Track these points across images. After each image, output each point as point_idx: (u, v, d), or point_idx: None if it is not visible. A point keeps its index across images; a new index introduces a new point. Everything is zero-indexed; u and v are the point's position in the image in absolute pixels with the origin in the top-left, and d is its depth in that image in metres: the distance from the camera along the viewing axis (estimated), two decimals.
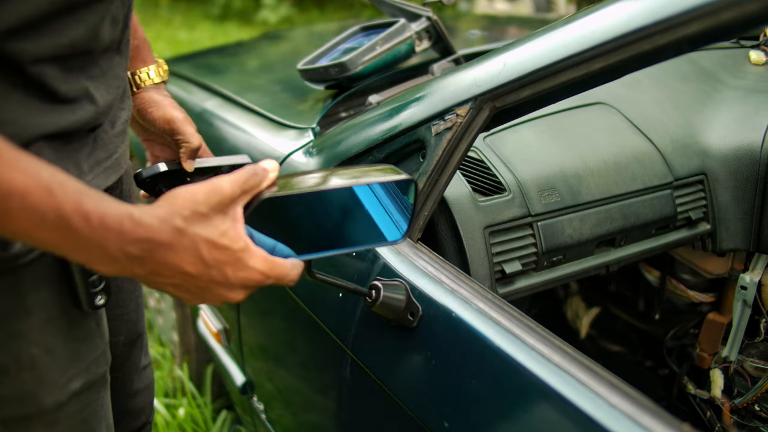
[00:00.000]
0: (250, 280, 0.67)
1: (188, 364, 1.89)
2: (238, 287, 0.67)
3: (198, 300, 0.69)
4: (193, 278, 0.65)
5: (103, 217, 0.58)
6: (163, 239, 0.61)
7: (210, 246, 0.64)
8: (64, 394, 0.78)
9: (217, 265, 0.64)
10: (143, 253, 0.61)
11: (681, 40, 0.67)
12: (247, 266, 0.66)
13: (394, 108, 1.02)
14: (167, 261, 0.62)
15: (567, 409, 0.65)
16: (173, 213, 0.62)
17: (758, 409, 1.31)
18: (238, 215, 0.67)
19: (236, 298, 0.68)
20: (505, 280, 1.10)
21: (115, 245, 0.59)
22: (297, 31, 2.63)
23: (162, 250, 0.61)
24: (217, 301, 0.69)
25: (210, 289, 0.66)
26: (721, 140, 1.32)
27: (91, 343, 0.81)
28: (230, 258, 0.65)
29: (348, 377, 0.97)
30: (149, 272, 0.63)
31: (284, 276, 0.70)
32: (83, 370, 0.80)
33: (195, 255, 0.63)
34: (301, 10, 8.68)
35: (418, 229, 0.94)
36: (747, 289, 1.35)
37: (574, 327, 1.75)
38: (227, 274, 0.65)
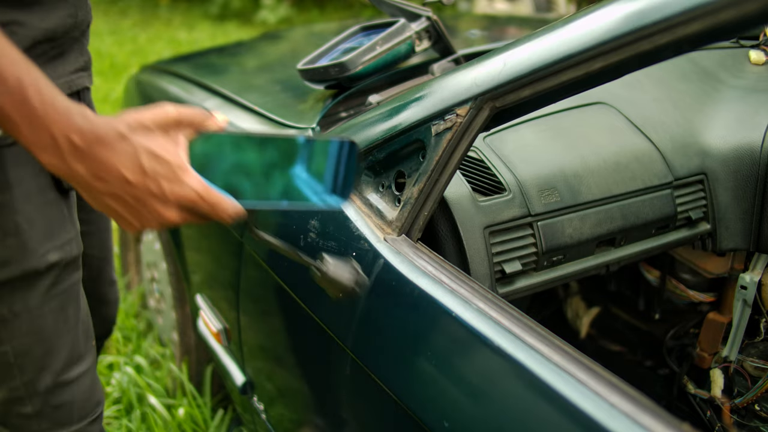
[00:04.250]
0: (185, 197, 0.70)
1: (188, 364, 1.89)
2: (173, 204, 0.70)
3: (136, 217, 0.71)
4: (131, 186, 0.68)
5: (54, 99, 0.64)
6: (104, 136, 0.65)
7: (149, 155, 0.67)
8: (42, 262, 0.89)
9: (154, 175, 0.68)
10: (84, 145, 0.65)
11: (681, 40, 0.67)
12: (183, 182, 0.70)
13: (394, 108, 1.02)
14: (107, 161, 0.66)
15: (567, 409, 0.65)
16: (119, 121, 0.68)
17: (758, 408, 1.31)
18: (180, 140, 0.71)
19: (171, 217, 0.71)
20: (505, 280, 1.10)
21: (59, 129, 0.63)
22: (297, 31, 2.62)
23: (102, 148, 0.65)
24: (153, 219, 0.71)
25: (147, 202, 0.69)
26: (721, 140, 1.32)
27: (64, 225, 0.92)
28: (167, 171, 0.69)
29: (348, 377, 0.97)
30: (89, 173, 0.66)
31: (219, 204, 0.72)
32: (59, 247, 0.91)
33: (134, 161, 0.67)
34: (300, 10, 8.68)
35: (418, 229, 0.94)
36: (747, 288, 1.35)
37: (574, 327, 1.75)
38: (163, 187, 0.69)
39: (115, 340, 2.17)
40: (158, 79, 1.94)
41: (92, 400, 1.04)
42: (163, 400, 1.87)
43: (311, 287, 1.08)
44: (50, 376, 0.96)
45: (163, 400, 1.87)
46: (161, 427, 1.78)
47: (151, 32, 7.53)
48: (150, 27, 7.89)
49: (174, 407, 1.85)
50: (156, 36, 7.32)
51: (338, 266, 0.86)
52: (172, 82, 1.84)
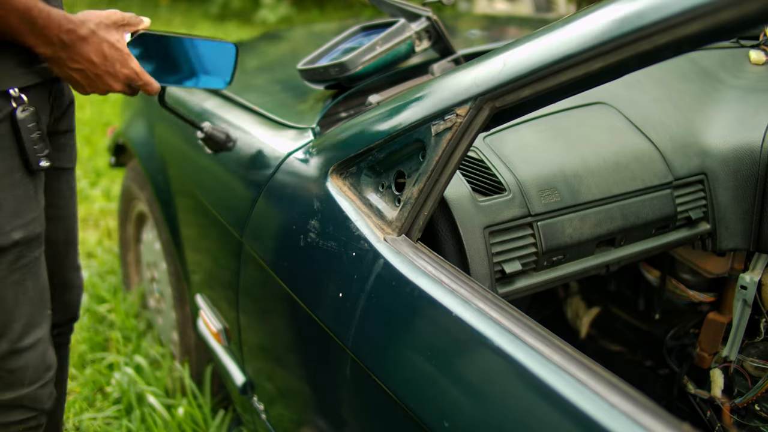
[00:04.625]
0: (128, 76, 1.05)
1: (188, 364, 1.89)
2: (120, 79, 1.05)
3: (91, 85, 1.03)
4: (94, 66, 1.01)
5: (50, 12, 0.93)
6: (82, 34, 0.98)
7: (109, 45, 1.01)
8: (7, 240, 1.02)
9: (111, 60, 1.02)
10: (69, 41, 0.97)
11: (681, 40, 0.67)
12: (128, 66, 1.04)
13: (394, 108, 1.02)
14: (82, 50, 0.99)
15: (567, 409, 0.65)
16: (89, 20, 0.99)
17: (758, 408, 1.31)
18: (125, 37, 1.06)
19: (117, 87, 1.05)
20: (505, 280, 1.10)
21: (54, 32, 0.95)
22: (297, 31, 2.62)
23: (81, 42, 0.98)
24: (104, 86, 1.04)
25: (102, 77, 1.02)
26: (721, 140, 1.32)
27: (29, 204, 1.05)
28: (119, 57, 1.03)
29: (348, 377, 0.97)
30: (68, 57, 0.98)
31: (150, 82, 1.08)
32: (23, 225, 1.04)
33: (99, 49, 1.00)
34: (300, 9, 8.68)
35: (418, 229, 0.94)
36: (747, 288, 1.35)
37: (574, 327, 1.75)
38: (116, 67, 1.03)
39: (115, 340, 2.17)
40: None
41: (43, 366, 1.14)
42: (162, 400, 1.87)
43: (311, 287, 1.08)
44: (7, 342, 1.08)
45: (162, 400, 1.87)
46: (161, 427, 1.78)
47: None
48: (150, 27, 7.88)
49: (174, 407, 1.85)
50: None
51: (216, 130, 1.28)
52: None
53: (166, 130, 1.84)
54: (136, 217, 2.22)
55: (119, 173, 3.49)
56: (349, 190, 1.06)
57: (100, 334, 2.26)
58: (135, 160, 2.06)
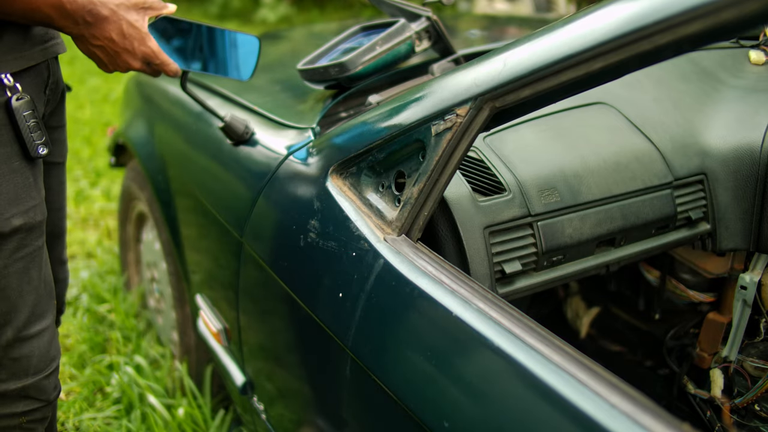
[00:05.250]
0: (147, 54, 1.08)
1: (188, 364, 1.89)
2: (138, 57, 1.08)
3: (112, 63, 1.08)
4: (113, 43, 1.05)
5: None
6: (103, 13, 1.02)
7: (128, 25, 1.05)
8: (7, 226, 1.02)
9: (129, 38, 1.05)
10: (92, 20, 1.01)
11: (681, 39, 0.67)
12: (147, 44, 1.07)
13: (394, 108, 1.02)
14: (104, 28, 1.03)
15: (567, 409, 0.65)
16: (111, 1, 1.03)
17: (758, 408, 1.31)
18: (146, 19, 1.08)
19: (135, 65, 1.09)
20: (505, 280, 1.10)
21: (79, 14, 1.00)
22: (296, 31, 2.62)
23: (103, 21, 1.03)
24: (124, 65, 1.08)
25: (121, 54, 1.07)
26: (721, 140, 1.32)
27: (29, 192, 1.05)
28: (138, 36, 1.06)
29: (348, 377, 0.97)
30: (91, 35, 1.03)
31: (167, 63, 1.11)
32: (23, 212, 1.04)
33: (119, 28, 1.04)
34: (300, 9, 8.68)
35: (418, 229, 0.94)
36: (747, 288, 1.35)
37: (574, 327, 1.75)
38: (134, 45, 1.06)
39: (115, 340, 2.17)
40: (158, 78, 1.94)
41: (49, 355, 1.14)
42: (163, 400, 1.87)
43: (311, 287, 1.08)
44: (12, 330, 1.08)
45: (163, 400, 1.87)
46: (161, 427, 1.78)
47: None
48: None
49: (174, 407, 1.85)
50: None
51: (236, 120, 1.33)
52: (172, 82, 1.84)
53: (166, 130, 1.84)
54: (136, 217, 2.22)
55: (119, 173, 3.49)
56: (349, 190, 1.06)
57: (100, 334, 2.26)
58: (135, 160, 2.06)
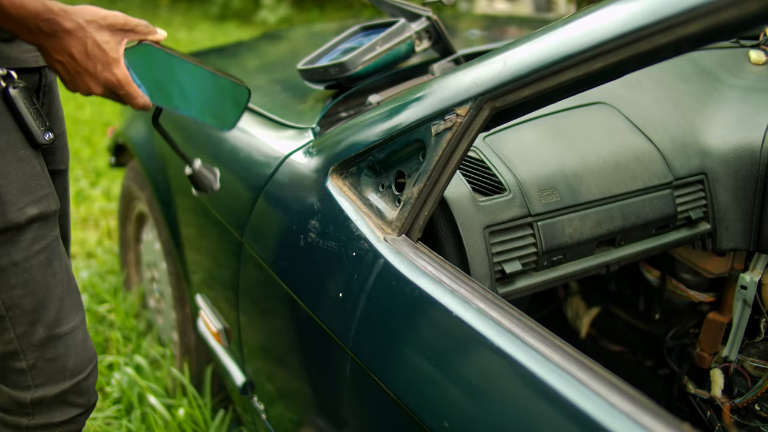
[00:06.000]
0: (110, 81, 0.95)
1: (188, 364, 1.89)
2: (100, 83, 0.95)
3: (72, 83, 0.95)
4: (75, 62, 0.92)
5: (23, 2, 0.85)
6: (65, 25, 0.89)
7: (94, 44, 0.92)
8: (22, 216, 0.97)
9: (93, 59, 0.92)
10: (50, 31, 0.89)
11: (681, 39, 0.67)
12: (112, 71, 0.94)
13: (394, 108, 1.02)
14: (64, 42, 0.90)
15: (567, 409, 0.65)
16: (79, 13, 0.91)
17: (758, 408, 1.31)
18: (123, 42, 0.95)
19: (96, 90, 0.96)
20: (505, 280, 1.10)
21: (32, 22, 0.87)
22: (297, 31, 2.62)
23: (62, 33, 0.90)
24: (84, 88, 0.95)
25: (82, 75, 0.94)
26: (721, 140, 1.32)
27: (39, 180, 1.00)
28: (103, 59, 0.93)
29: (348, 377, 0.97)
30: (50, 47, 0.91)
31: (133, 96, 0.97)
32: (36, 201, 0.99)
33: (83, 46, 0.91)
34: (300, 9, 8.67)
35: (418, 229, 0.94)
36: (747, 288, 1.35)
37: (574, 327, 1.75)
38: (97, 69, 0.93)
39: (115, 340, 2.17)
40: None
41: (86, 355, 1.08)
42: (163, 400, 1.87)
43: (311, 287, 1.08)
44: (43, 328, 1.01)
45: (163, 400, 1.87)
46: (161, 427, 1.78)
47: None
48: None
49: (174, 407, 1.85)
50: None
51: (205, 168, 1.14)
52: None
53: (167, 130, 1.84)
54: (136, 217, 2.22)
55: (119, 173, 3.49)
56: (349, 190, 1.06)
57: (100, 334, 2.26)
58: (135, 160, 2.06)
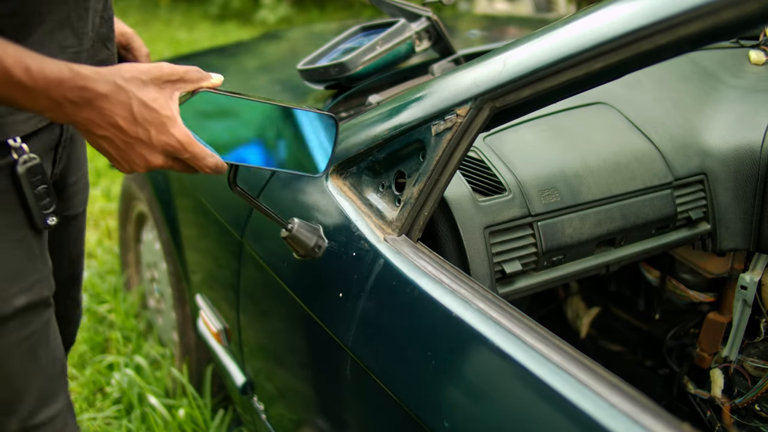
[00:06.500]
0: (169, 145, 0.77)
1: (188, 365, 1.89)
2: (159, 150, 0.77)
3: (124, 160, 0.78)
4: (122, 133, 0.74)
5: (42, 69, 0.68)
6: (100, 90, 0.71)
7: (141, 105, 0.74)
8: (8, 308, 0.85)
9: (144, 123, 0.75)
10: (82, 101, 0.71)
11: (681, 39, 0.67)
12: (169, 132, 0.76)
13: (394, 108, 1.02)
14: (104, 110, 0.72)
15: (567, 409, 0.65)
16: (115, 73, 0.73)
17: (758, 408, 1.31)
18: (174, 96, 0.77)
19: (155, 161, 0.78)
20: (505, 280, 1.10)
21: (57, 93, 0.69)
22: (296, 31, 2.62)
23: (99, 99, 0.72)
24: (140, 162, 0.78)
25: (135, 147, 0.76)
26: (721, 140, 1.32)
27: (34, 264, 0.88)
28: (156, 120, 0.75)
29: (348, 377, 0.97)
30: (87, 120, 0.73)
31: (201, 157, 0.79)
32: (27, 289, 0.87)
33: (127, 110, 0.73)
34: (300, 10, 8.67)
35: (418, 229, 0.94)
36: (747, 288, 1.35)
37: (574, 327, 1.75)
38: (151, 135, 0.75)
39: (115, 340, 2.17)
40: None
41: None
42: (163, 401, 1.87)
43: (311, 287, 1.08)
44: (17, 421, 0.91)
45: (163, 401, 1.87)
46: (161, 427, 1.78)
47: (151, 32, 7.53)
48: (150, 27, 7.88)
49: (174, 407, 1.85)
50: (156, 36, 7.32)
51: (304, 228, 0.95)
52: None
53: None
54: (136, 217, 2.22)
55: (119, 173, 3.50)
56: (349, 190, 1.06)
57: (100, 334, 2.26)
58: None
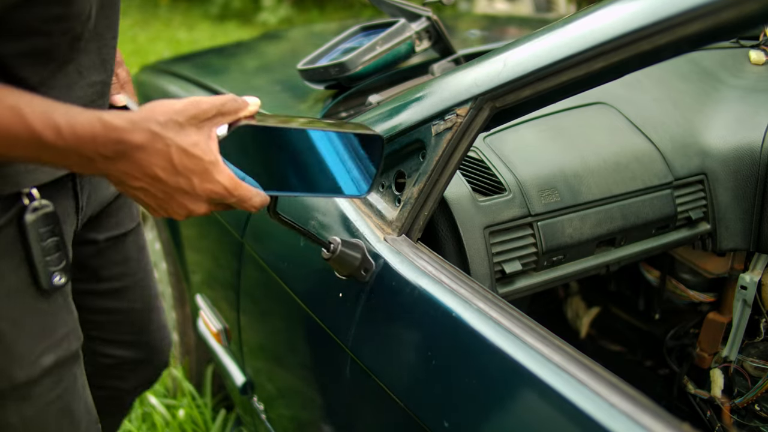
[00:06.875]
0: (214, 192, 0.70)
1: (188, 365, 1.89)
2: (203, 199, 0.71)
3: (163, 209, 0.72)
4: (161, 183, 0.68)
5: (73, 127, 0.62)
6: (135, 140, 0.65)
7: (181, 153, 0.67)
8: (35, 369, 0.78)
9: (185, 172, 0.68)
10: (116, 155, 0.65)
11: (681, 40, 0.67)
12: (214, 179, 0.69)
13: (394, 108, 1.02)
14: (140, 161, 0.66)
15: (567, 409, 0.65)
16: (149, 118, 0.66)
17: (758, 408, 1.31)
18: (213, 134, 0.70)
19: (198, 210, 0.72)
20: (505, 280, 1.10)
21: (89, 149, 0.63)
22: (296, 31, 2.63)
23: (135, 151, 0.65)
24: (181, 211, 0.71)
25: (175, 197, 0.70)
26: (721, 140, 1.32)
27: (58, 317, 0.81)
28: (199, 168, 0.68)
29: (348, 377, 0.97)
30: (121, 173, 0.67)
31: (247, 198, 0.73)
32: (54, 345, 0.80)
33: (166, 159, 0.66)
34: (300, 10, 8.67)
35: (418, 229, 0.94)
36: (747, 288, 1.35)
37: (574, 327, 1.75)
38: (194, 183, 0.69)
39: None
40: (158, 79, 1.94)
41: None
42: (163, 401, 1.87)
43: (311, 287, 1.08)
44: None
45: (163, 401, 1.87)
46: (161, 427, 1.78)
47: (151, 32, 7.53)
48: (150, 27, 7.88)
49: (175, 407, 1.85)
50: (156, 36, 7.32)
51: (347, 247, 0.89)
52: (173, 82, 1.84)
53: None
54: None
55: None
56: None
57: None
58: None
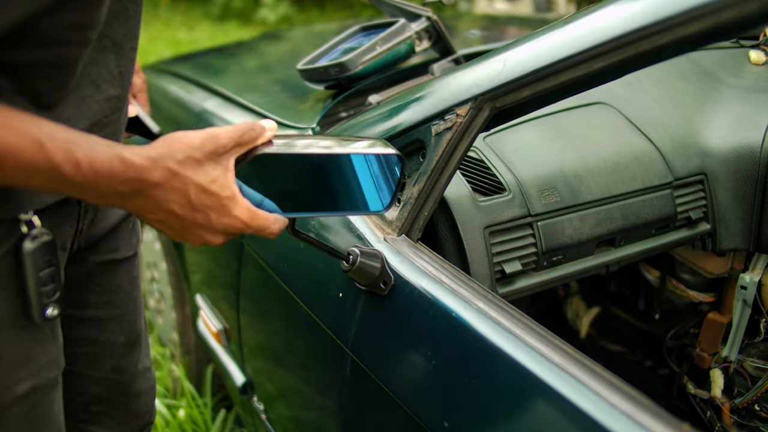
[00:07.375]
0: (231, 227, 0.71)
1: (188, 365, 1.89)
2: (219, 232, 0.72)
3: (179, 238, 0.73)
4: (178, 218, 0.69)
5: (92, 162, 0.62)
6: (153, 179, 0.65)
7: (199, 191, 0.68)
8: (8, 396, 0.77)
9: (203, 209, 0.69)
10: (133, 192, 0.65)
11: (681, 40, 0.67)
12: (231, 214, 0.70)
13: (394, 108, 1.02)
14: (157, 199, 0.67)
15: (567, 409, 0.65)
16: (167, 155, 0.66)
17: (758, 408, 1.31)
18: (230, 165, 0.70)
19: (215, 241, 0.73)
20: (505, 280, 1.10)
21: (106, 186, 0.64)
22: (297, 30, 2.63)
23: (152, 189, 0.66)
24: (198, 241, 0.73)
25: (192, 230, 0.71)
26: (721, 140, 1.32)
27: (42, 347, 0.81)
28: (216, 204, 0.69)
29: (348, 377, 0.97)
30: (138, 207, 0.68)
31: (265, 228, 0.74)
32: (32, 374, 0.80)
33: (184, 197, 0.67)
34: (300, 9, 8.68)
35: (418, 229, 0.94)
36: (747, 288, 1.35)
37: (574, 327, 1.75)
38: (211, 218, 0.70)
39: None
40: (159, 79, 1.94)
41: None
42: (163, 400, 1.87)
43: (311, 287, 1.08)
44: None
45: (163, 400, 1.87)
46: (161, 427, 1.78)
47: (151, 32, 7.53)
48: (150, 27, 7.88)
49: (175, 407, 1.85)
50: (156, 36, 7.32)
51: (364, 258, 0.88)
52: (173, 82, 1.84)
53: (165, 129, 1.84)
54: None
55: None
56: None
57: None
58: None
